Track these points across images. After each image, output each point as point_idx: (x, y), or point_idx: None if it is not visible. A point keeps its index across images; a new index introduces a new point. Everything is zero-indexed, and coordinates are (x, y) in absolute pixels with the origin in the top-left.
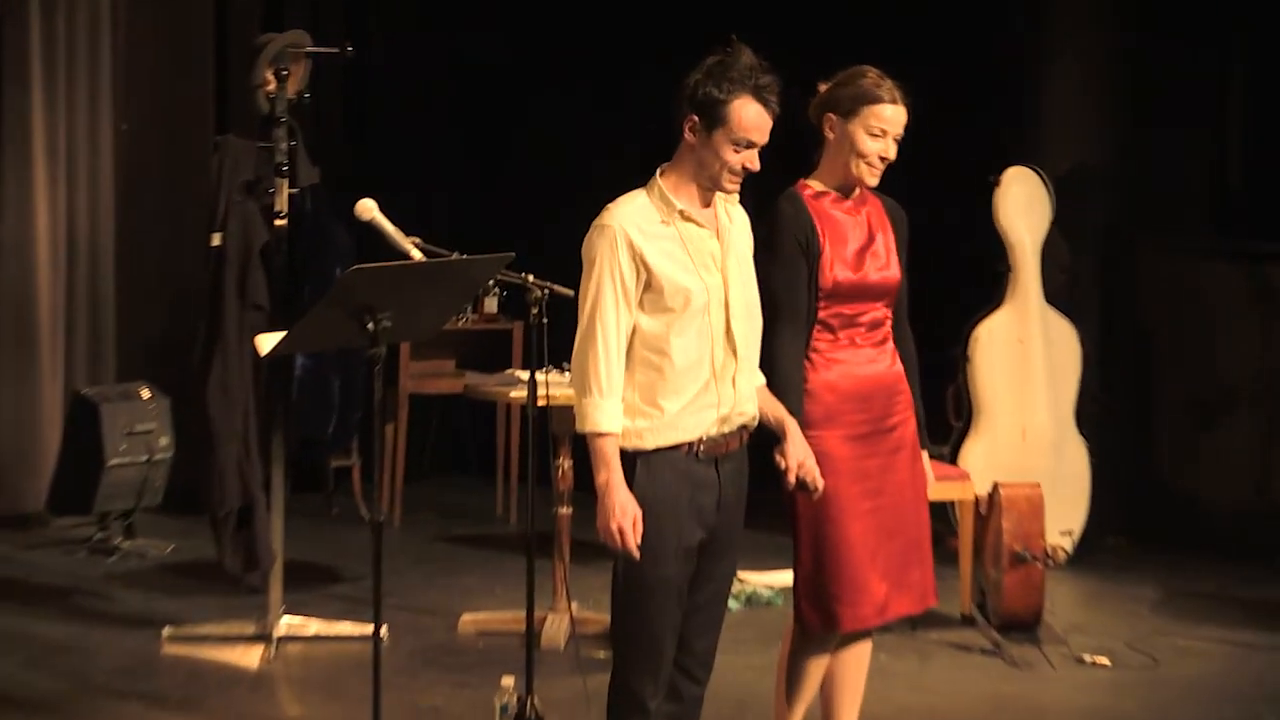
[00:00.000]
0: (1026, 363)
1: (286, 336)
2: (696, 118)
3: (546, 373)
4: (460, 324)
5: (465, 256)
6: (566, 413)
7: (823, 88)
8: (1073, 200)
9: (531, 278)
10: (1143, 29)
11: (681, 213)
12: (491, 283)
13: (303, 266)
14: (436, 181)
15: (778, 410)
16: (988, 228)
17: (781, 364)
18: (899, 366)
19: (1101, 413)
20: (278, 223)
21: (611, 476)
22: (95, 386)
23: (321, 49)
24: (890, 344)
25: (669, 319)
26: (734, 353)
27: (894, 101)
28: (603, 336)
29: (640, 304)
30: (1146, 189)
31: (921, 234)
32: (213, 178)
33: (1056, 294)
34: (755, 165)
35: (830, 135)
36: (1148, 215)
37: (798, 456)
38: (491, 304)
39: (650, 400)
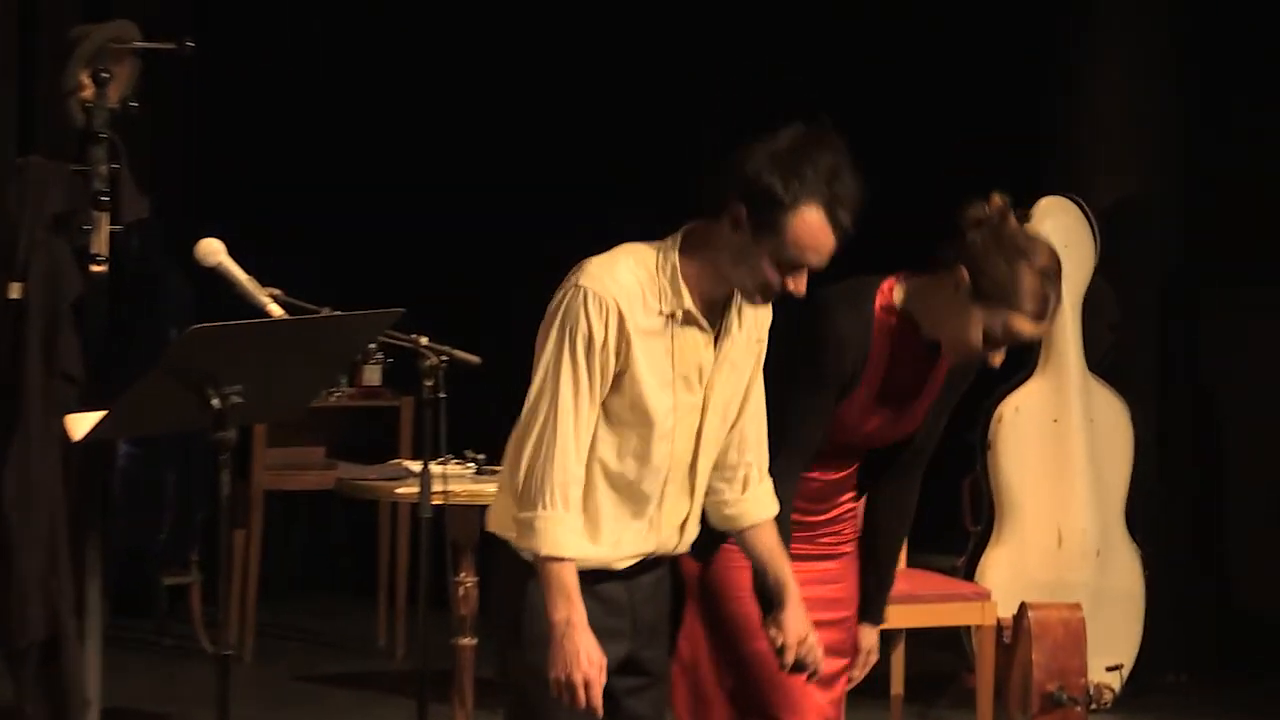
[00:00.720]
0: (1063, 449)
1: (107, 416)
2: (745, 210)
3: (444, 463)
4: (332, 400)
5: (339, 313)
6: (470, 515)
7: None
8: (1122, 240)
9: (425, 340)
10: (1206, 29)
11: (686, 313)
12: (373, 346)
13: (128, 325)
14: (305, 218)
15: (781, 567)
16: None
17: (781, 488)
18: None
19: (1159, 513)
20: (95, 268)
21: (573, 613)
22: None
23: (154, 44)
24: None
25: (619, 427)
26: (692, 493)
27: (1045, 318)
28: (574, 434)
29: None
30: (1214, 225)
31: None
32: (10, 210)
33: (1102, 361)
34: (801, 290)
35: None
36: (1216, 258)
37: (798, 632)
38: (373, 374)
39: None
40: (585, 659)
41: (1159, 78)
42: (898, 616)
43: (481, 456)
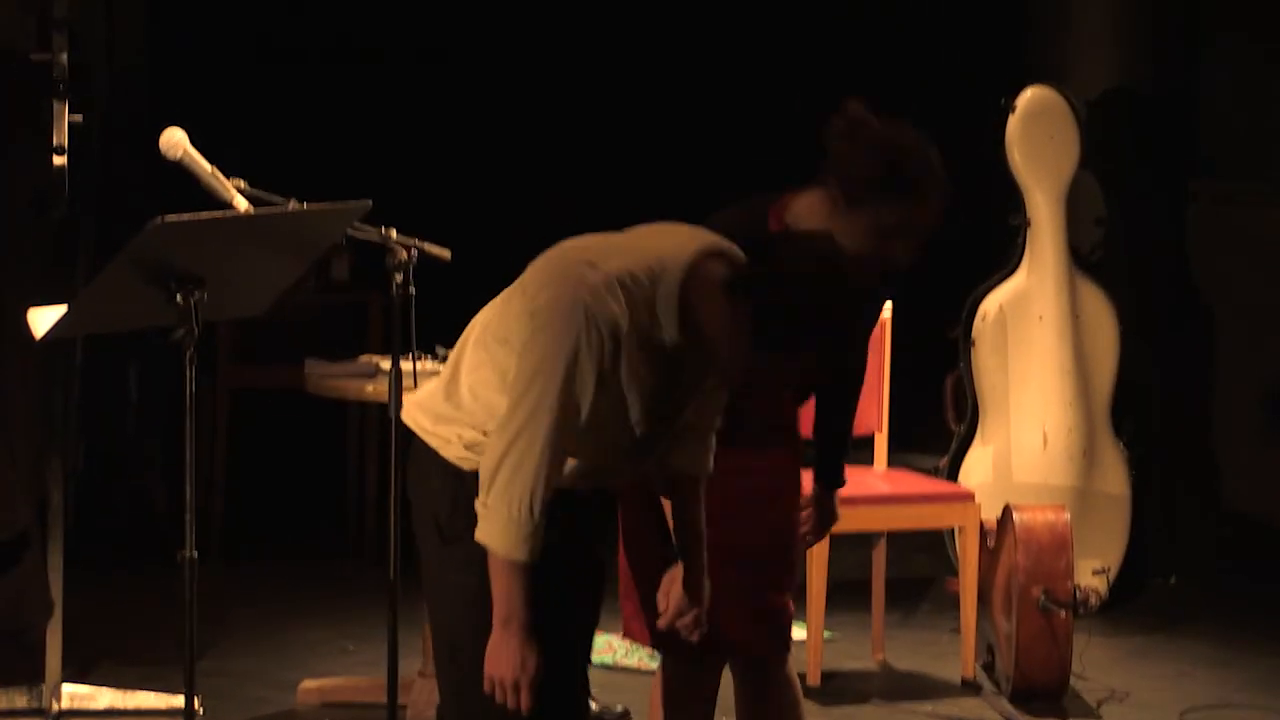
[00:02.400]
0: (1048, 346)
1: (68, 313)
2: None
3: (415, 360)
4: (299, 296)
5: (306, 206)
6: None
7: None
8: (1109, 132)
9: (395, 234)
10: None
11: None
12: (341, 241)
13: (88, 218)
14: (269, 107)
15: (694, 530)
16: (997, 167)
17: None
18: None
19: (1147, 411)
20: (56, 160)
21: (516, 617)
22: None
23: None
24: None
25: (588, 434)
26: (647, 471)
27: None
28: (549, 444)
29: None
30: (1205, 118)
31: None
32: None
33: (1088, 255)
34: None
35: None
36: (1207, 152)
37: (682, 607)
38: (341, 269)
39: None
40: (520, 664)
41: None
42: (878, 518)
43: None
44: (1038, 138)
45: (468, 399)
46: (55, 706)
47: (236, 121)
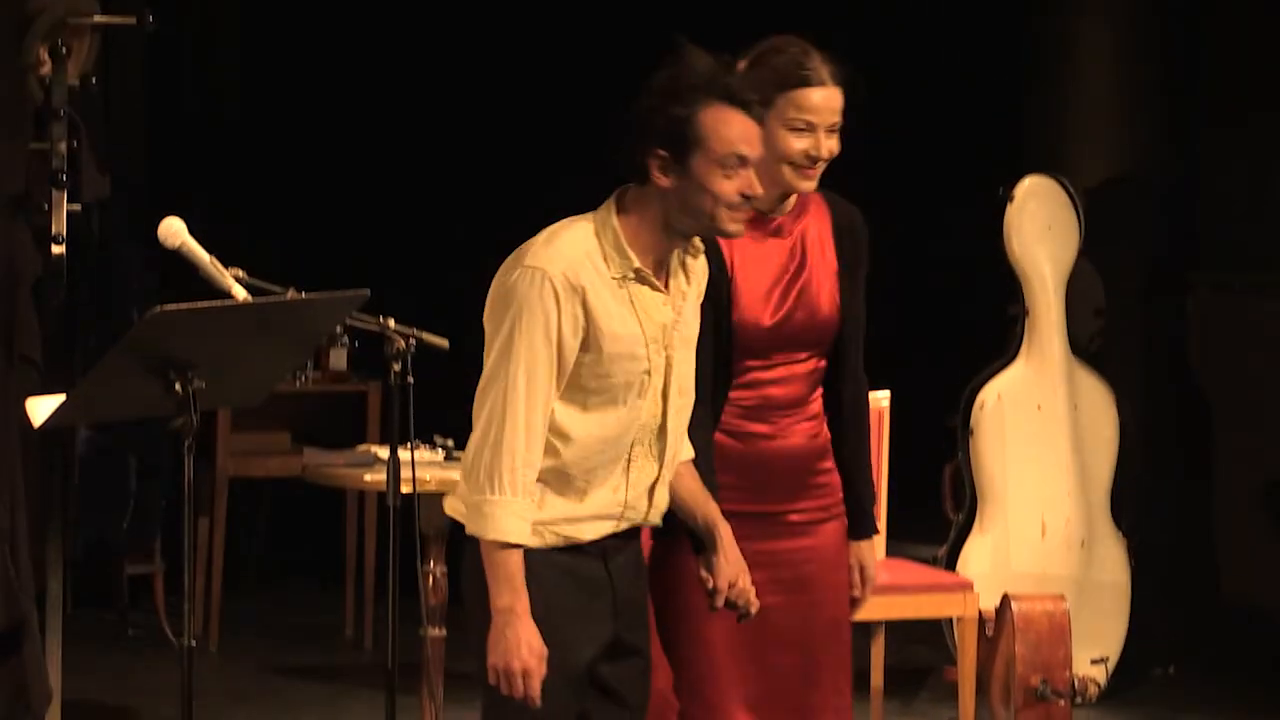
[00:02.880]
0: (1047, 435)
1: (66, 401)
2: (664, 152)
3: (413, 449)
4: (298, 385)
5: (304, 295)
6: (439, 502)
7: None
8: (1108, 222)
9: (393, 323)
10: (1194, 8)
11: (638, 272)
12: (339, 330)
13: (88, 308)
14: (269, 197)
15: (707, 507)
16: (997, 257)
17: (693, 439)
18: (823, 437)
19: (1146, 502)
20: (55, 249)
21: (517, 603)
22: None
23: (114, 19)
24: (816, 404)
25: (587, 398)
26: (660, 456)
27: (821, 83)
28: (522, 414)
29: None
30: (1204, 207)
31: (910, 265)
32: None
33: (1087, 345)
34: (757, 189)
35: None
36: (1206, 242)
37: (729, 575)
38: (339, 358)
39: (540, 492)
40: (525, 648)
41: (1146, 57)
42: (877, 608)
43: (450, 442)
44: (1036, 227)
45: None
46: None
47: (234, 206)
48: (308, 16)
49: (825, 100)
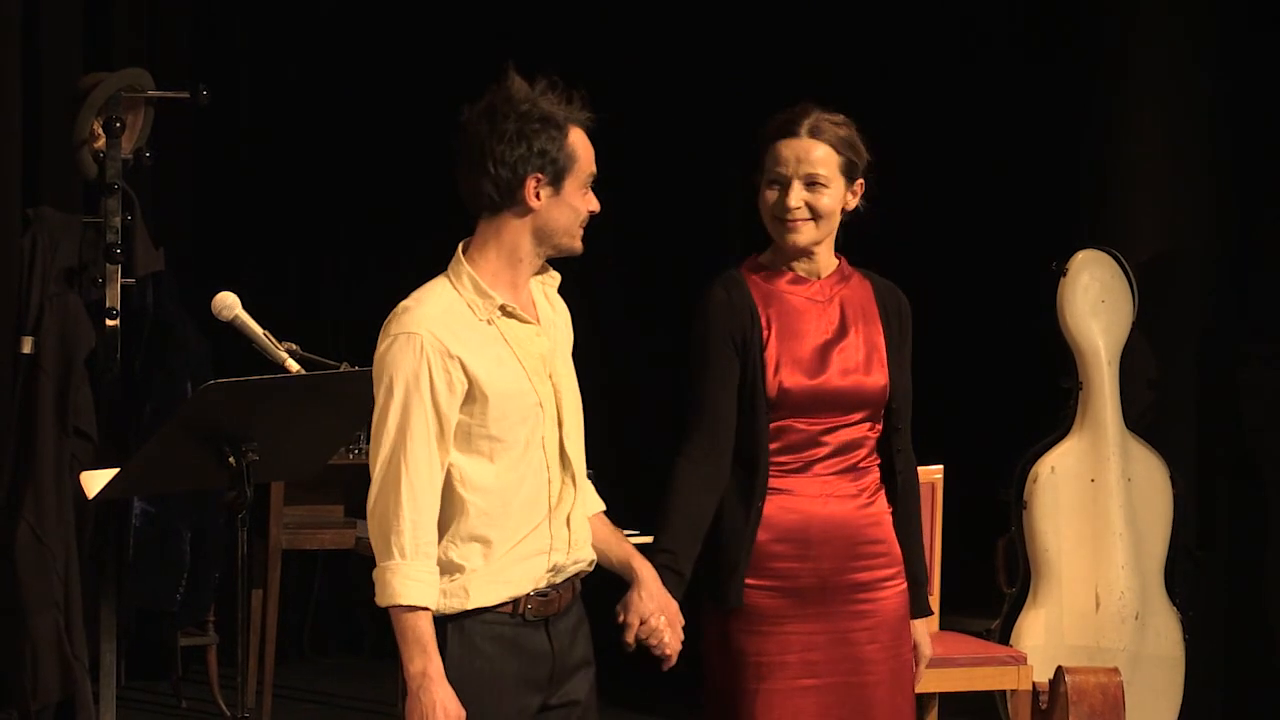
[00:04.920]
0: (1100, 509)
1: (120, 474)
2: (541, 175)
3: None
4: (351, 457)
5: (357, 368)
6: None
7: None
8: (1161, 294)
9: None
10: (1245, 84)
11: (503, 308)
12: None
13: (143, 381)
14: (321, 270)
15: (623, 548)
16: (1050, 330)
17: (679, 492)
18: (877, 506)
19: (1200, 575)
20: (109, 323)
21: (429, 665)
22: None
23: (167, 93)
24: (870, 475)
25: (491, 445)
26: (572, 481)
27: (793, 135)
28: (410, 479)
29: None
30: (1256, 280)
31: (964, 338)
32: (22, 263)
33: (1141, 419)
34: (597, 206)
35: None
36: (1258, 314)
37: (641, 610)
38: None
39: (460, 549)
40: (441, 711)
41: (1197, 131)
42: (931, 680)
43: None
44: (1089, 300)
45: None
46: None
47: (284, 279)
48: (358, 89)
49: (794, 151)
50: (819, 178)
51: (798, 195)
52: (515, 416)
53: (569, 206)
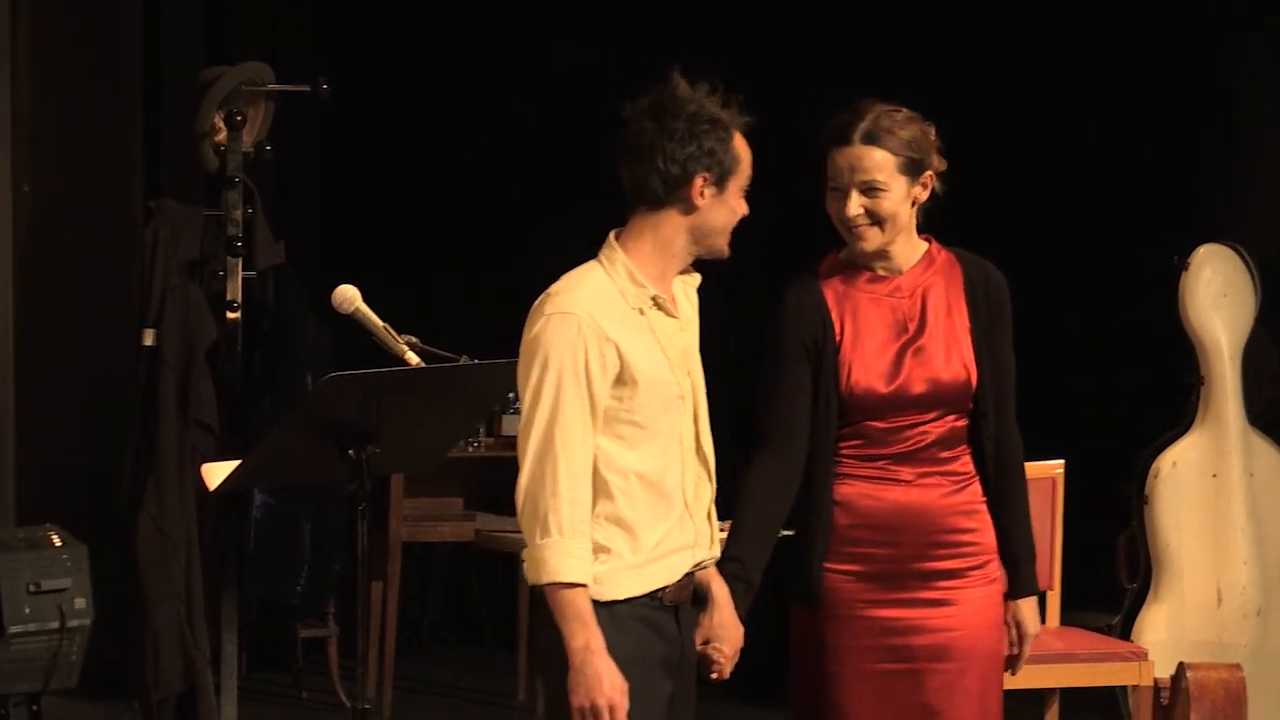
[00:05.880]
0: (1222, 504)
1: (241, 466)
2: (708, 175)
3: None
4: (470, 450)
5: (478, 360)
6: None
7: None
8: None
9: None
10: None
11: (655, 299)
12: (512, 395)
13: (263, 373)
14: (442, 262)
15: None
16: (1172, 325)
17: (748, 501)
18: (965, 496)
19: None
20: (230, 315)
21: (591, 639)
22: None
23: (288, 86)
24: (957, 464)
25: (634, 433)
26: (708, 476)
27: (845, 143)
28: (567, 457)
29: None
30: None
31: (1085, 335)
32: (144, 256)
33: (1263, 414)
34: (747, 209)
35: None
36: None
37: (704, 633)
38: (512, 424)
39: (604, 531)
40: (608, 684)
41: None
42: (1051, 675)
43: None
44: (1211, 294)
45: None
46: None
47: (404, 272)
48: (477, 81)
49: (847, 159)
50: (876, 184)
51: (855, 204)
52: (659, 405)
53: (728, 208)
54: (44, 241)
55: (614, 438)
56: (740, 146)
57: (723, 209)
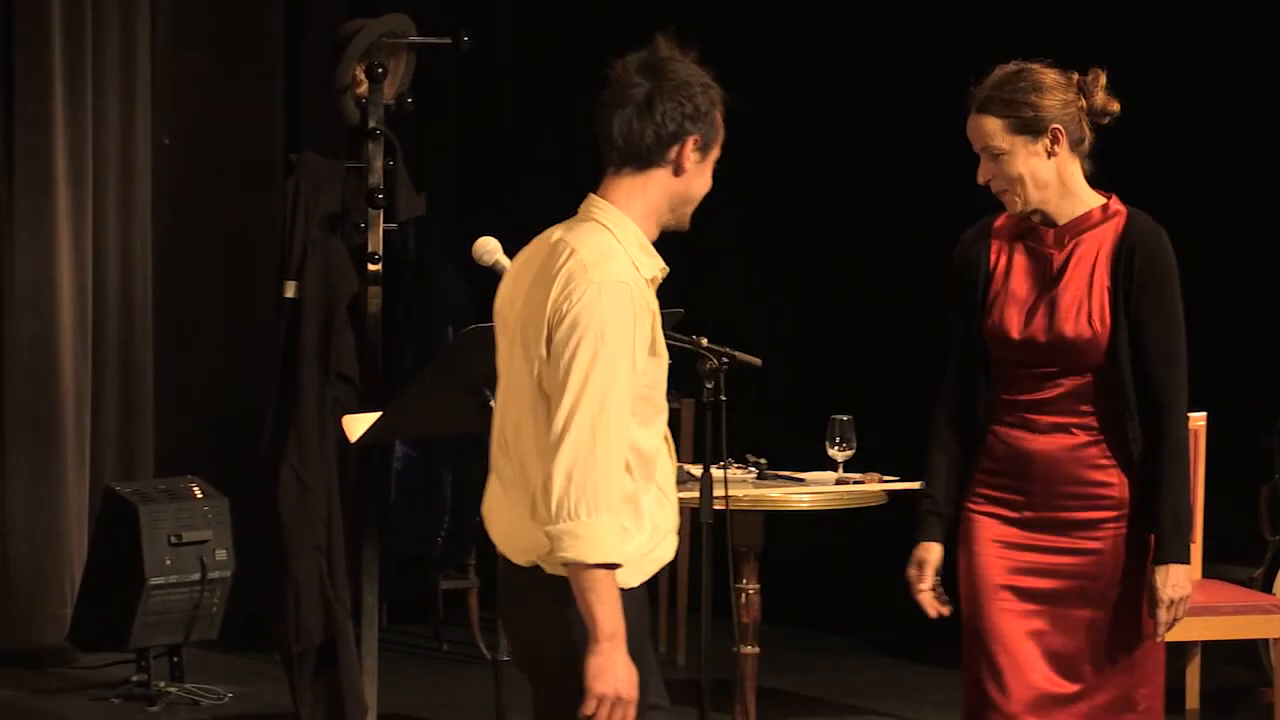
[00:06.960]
0: None
1: (382, 418)
2: (698, 138)
3: (727, 468)
4: None
5: None
6: (753, 520)
7: None
8: None
9: (706, 342)
10: None
11: (662, 270)
12: None
13: (404, 325)
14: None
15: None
16: None
17: (931, 437)
18: (1101, 450)
19: None
20: (371, 267)
21: (619, 630)
22: (131, 482)
23: (429, 39)
24: (1095, 418)
25: (647, 408)
26: (673, 454)
27: (968, 111)
28: (617, 434)
29: None
30: None
31: (1228, 286)
32: (286, 208)
33: None
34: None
35: None
36: None
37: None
38: None
39: (629, 517)
40: (628, 683)
41: None
42: (1192, 629)
43: (763, 461)
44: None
45: None
46: None
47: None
48: (618, 33)
49: (971, 128)
50: (995, 149)
51: (985, 170)
52: (662, 380)
53: (704, 178)
54: (185, 194)
55: (631, 415)
56: (719, 119)
57: (700, 177)
